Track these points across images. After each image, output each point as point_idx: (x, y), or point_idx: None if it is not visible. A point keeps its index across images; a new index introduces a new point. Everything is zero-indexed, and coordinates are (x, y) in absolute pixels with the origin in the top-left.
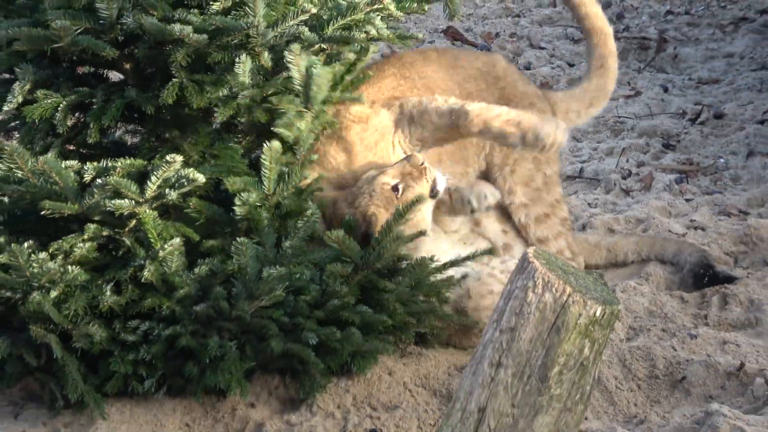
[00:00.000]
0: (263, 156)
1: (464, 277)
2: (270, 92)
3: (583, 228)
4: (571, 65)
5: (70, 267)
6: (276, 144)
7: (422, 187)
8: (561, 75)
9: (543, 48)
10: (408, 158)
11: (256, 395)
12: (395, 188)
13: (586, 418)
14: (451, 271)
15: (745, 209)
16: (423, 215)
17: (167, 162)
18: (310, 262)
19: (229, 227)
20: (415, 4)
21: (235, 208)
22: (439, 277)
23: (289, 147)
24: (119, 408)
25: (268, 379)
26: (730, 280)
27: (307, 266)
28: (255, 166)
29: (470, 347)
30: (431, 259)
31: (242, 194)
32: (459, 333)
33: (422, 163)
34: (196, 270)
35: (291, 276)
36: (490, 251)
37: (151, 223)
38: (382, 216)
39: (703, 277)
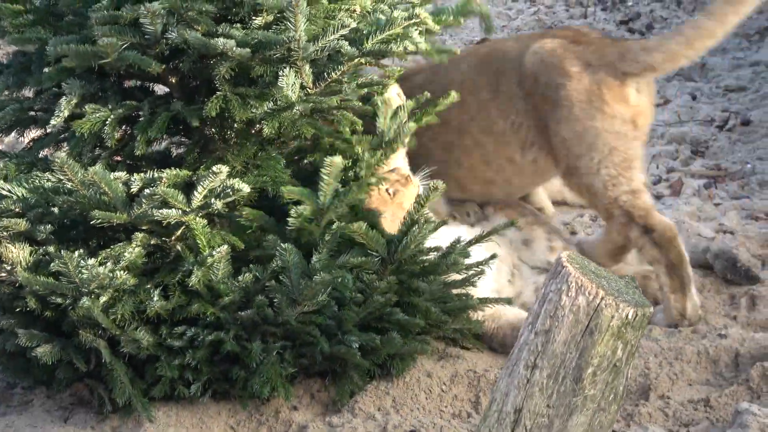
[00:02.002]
0: (323, 170)
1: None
2: (319, 107)
3: None
4: None
5: (118, 272)
6: (337, 160)
7: (410, 191)
8: None
9: None
10: (393, 170)
11: (298, 398)
12: (387, 191)
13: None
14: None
15: None
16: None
17: (213, 173)
18: (345, 266)
19: (278, 236)
20: (452, 18)
21: (288, 219)
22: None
23: (351, 164)
24: (165, 412)
25: (310, 382)
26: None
27: (346, 269)
28: (298, 176)
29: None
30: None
31: (298, 207)
32: None
33: (407, 175)
34: (241, 278)
35: (334, 281)
36: (512, 223)
37: (201, 231)
38: (381, 211)
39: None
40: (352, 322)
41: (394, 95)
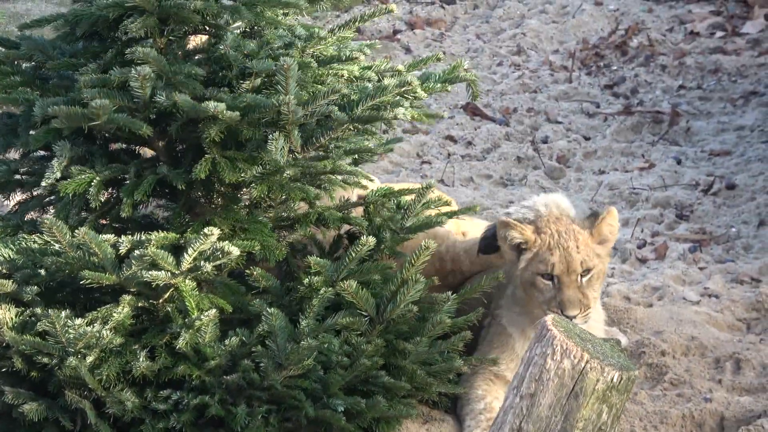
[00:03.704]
0: (353, 248)
1: None
2: (308, 171)
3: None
4: (586, 138)
5: (105, 332)
6: (371, 239)
7: None
8: (577, 148)
9: (560, 122)
10: None
11: None
12: None
13: None
14: None
15: (757, 277)
16: None
17: (204, 235)
18: (334, 327)
19: (278, 299)
20: (439, 85)
21: (300, 285)
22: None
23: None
24: None
25: None
26: None
27: (333, 332)
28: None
29: None
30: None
31: (313, 277)
32: None
33: None
34: (227, 341)
35: (320, 346)
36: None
37: (189, 294)
38: None
39: None
40: (338, 386)
41: None
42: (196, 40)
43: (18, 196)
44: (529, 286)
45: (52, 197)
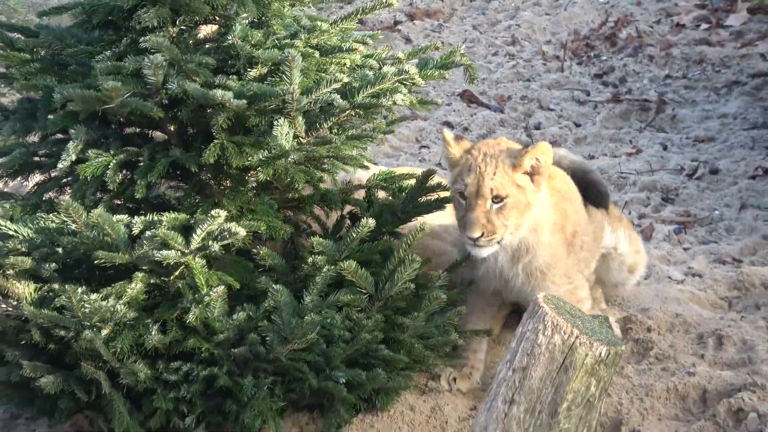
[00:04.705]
0: (355, 229)
1: None
2: (311, 156)
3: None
4: (577, 125)
5: (119, 306)
6: (371, 221)
7: None
8: (568, 134)
9: (552, 109)
10: None
11: (287, 431)
12: None
13: None
14: None
15: (739, 257)
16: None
17: (212, 216)
18: (336, 304)
19: (283, 276)
20: (437, 73)
21: (304, 264)
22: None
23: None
24: None
25: (299, 416)
26: None
27: (334, 309)
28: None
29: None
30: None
31: (316, 257)
32: None
33: None
34: (235, 316)
35: (323, 321)
36: None
37: (199, 271)
38: None
39: None
40: (340, 359)
41: None
42: (206, 30)
43: (37, 178)
44: (453, 201)
45: (69, 178)
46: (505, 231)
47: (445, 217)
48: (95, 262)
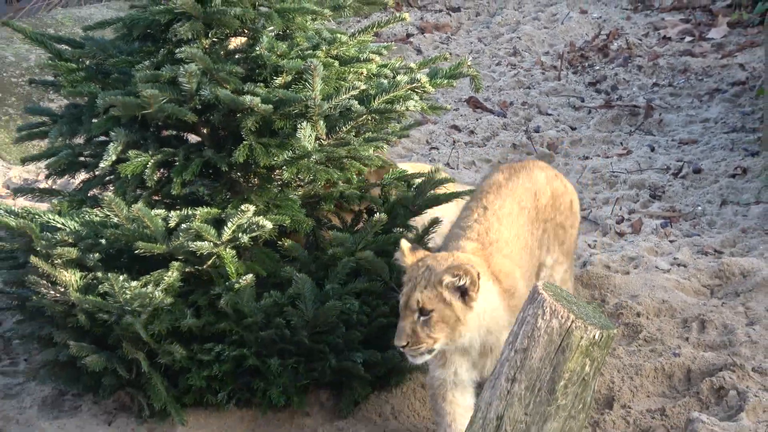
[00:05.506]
0: (370, 223)
1: None
2: (332, 156)
3: (584, 265)
4: (573, 129)
5: (157, 293)
6: (384, 216)
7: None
8: (564, 137)
9: (550, 114)
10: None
11: (310, 406)
12: None
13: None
14: None
15: (720, 249)
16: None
17: (241, 211)
18: (353, 291)
19: (306, 266)
20: (446, 81)
21: (325, 255)
22: None
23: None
24: (195, 416)
25: (320, 393)
26: None
27: (352, 296)
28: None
29: None
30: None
31: (336, 248)
32: None
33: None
34: (262, 302)
35: (342, 306)
36: None
37: (230, 261)
38: None
39: None
40: (357, 341)
41: None
42: (236, 42)
43: (82, 176)
44: None
45: (111, 176)
46: (433, 342)
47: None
48: (135, 252)
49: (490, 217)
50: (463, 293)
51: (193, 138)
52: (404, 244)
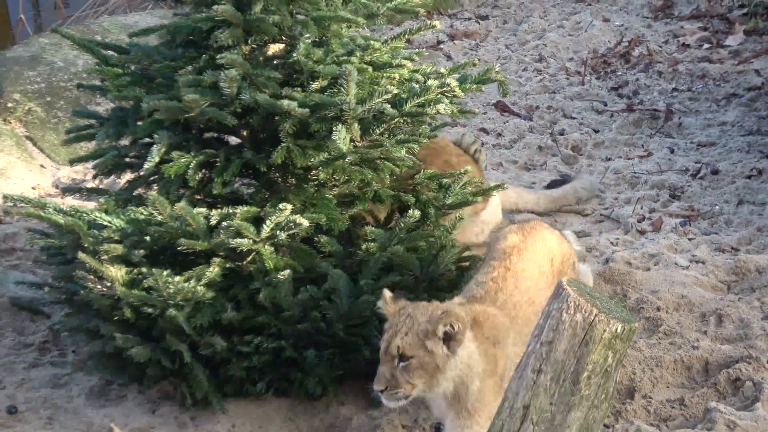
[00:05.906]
0: (402, 220)
1: None
2: (366, 157)
3: (606, 261)
4: (596, 131)
5: (199, 287)
6: (417, 213)
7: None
8: (588, 139)
9: (574, 118)
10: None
11: (345, 396)
12: None
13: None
14: None
15: (737, 246)
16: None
17: (279, 209)
18: (385, 286)
19: (341, 261)
20: (475, 86)
21: (359, 250)
22: None
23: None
24: (235, 405)
25: (355, 383)
26: None
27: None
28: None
29: None
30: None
31: (369, 243)
32: None
33: None
34: (299, 296)
35: (376, 300)
36: None
37: (269, 257)
38: None
39: None
40: None
41: None
42: (274, 48)
43: (127, 176)
44: None
45: (155, 176)
46: (411, 389)
47: None
48: (178, 248)
49: (509, 278)
50: (448, 340)
51: (233, 140)
52: (386, 293)
